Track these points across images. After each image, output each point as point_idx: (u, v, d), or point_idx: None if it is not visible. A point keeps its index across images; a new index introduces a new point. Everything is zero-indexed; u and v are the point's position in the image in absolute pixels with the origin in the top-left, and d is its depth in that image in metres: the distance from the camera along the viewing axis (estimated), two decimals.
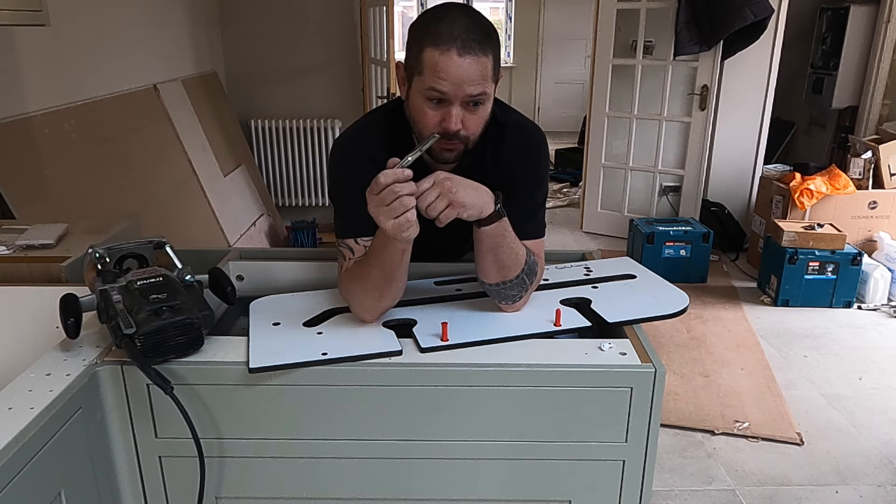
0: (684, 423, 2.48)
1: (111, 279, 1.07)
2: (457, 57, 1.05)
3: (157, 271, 1.09)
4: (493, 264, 1.13)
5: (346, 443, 1.07)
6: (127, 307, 1.01)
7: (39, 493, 0.88)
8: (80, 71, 2.74)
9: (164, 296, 1.03)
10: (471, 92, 1.08)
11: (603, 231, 4.70)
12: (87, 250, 1.13)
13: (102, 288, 1.04)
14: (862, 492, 2.14)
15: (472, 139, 1.14)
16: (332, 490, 1.10)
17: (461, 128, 1.10)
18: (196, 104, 3.69)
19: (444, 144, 1.13)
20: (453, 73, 1.06)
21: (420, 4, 8.96)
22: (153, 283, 1.05)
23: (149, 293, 1.03)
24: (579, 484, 1.09)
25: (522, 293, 1.18)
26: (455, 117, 1.09)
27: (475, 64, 1.06)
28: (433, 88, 1.08)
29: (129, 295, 1.03)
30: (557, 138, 7.81)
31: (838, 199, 3.71)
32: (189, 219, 3.29)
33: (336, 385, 1.03)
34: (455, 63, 1.05)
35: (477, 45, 1.06)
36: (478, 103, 1.10)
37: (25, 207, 2.15)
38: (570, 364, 1.03)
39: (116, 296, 1.03)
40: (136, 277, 1.06)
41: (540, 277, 1.24)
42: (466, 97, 1.08)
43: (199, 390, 1.04)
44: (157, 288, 1.04)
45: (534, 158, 1.24)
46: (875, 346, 3.11)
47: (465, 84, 1.07)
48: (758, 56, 4.09)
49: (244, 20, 4.27)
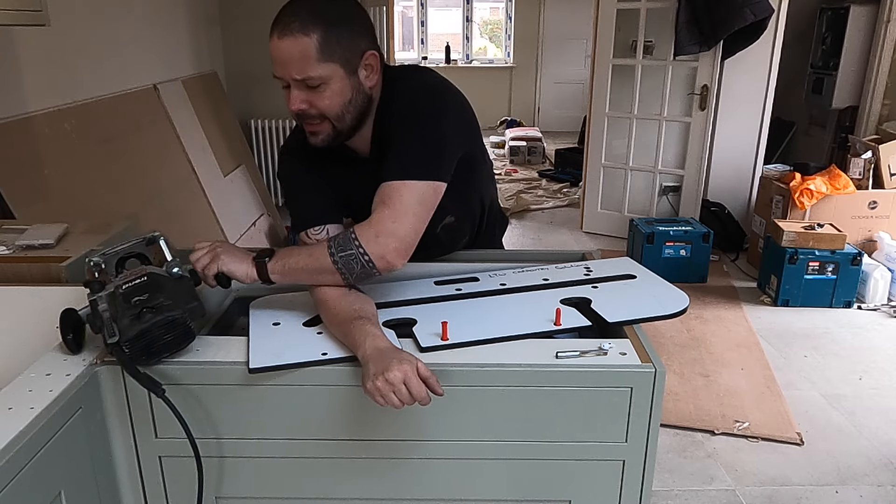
0: (684, 423, 2.48)
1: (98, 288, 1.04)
2: (277, 40, 1.08)
3: (142, 271, 1.06)
4: (315, 278, 1.15)
5: (345, 443, 1.07)
6: (112, 315, 1.00)
7: (39, 493, 0.88)
8: (80, 71, 2.74)
9: (146, 296, 1.01)
10: (294, 75, 1.09)
11: (603, 231, 4.70)
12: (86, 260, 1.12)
13: (92, 298, 1.03)
14: (862, 492, 2.14)
15: (332, 118, 1.14)
16: (332, 490, 1.10)
17: (304, 107, 1.12)
18: (196, 104, 3.69)
19: (306, 124, 1.17)
20: (276, 55, 1.09)
21: (420, 4, 8.96)
22: (137, 284, 1.03)
23: (131, 296, 1.01)
24: (579, 484, 1.09)
25: (361, 259, 1.09)
26: (293, 98, 1.12)
27: (293, 45, 1.07)
28: (274, 75, 1.12)
29: (114, 301, 1.01)
30: (557, 138, 7.82)
31: (838, 199, 3.70)
32: (189, 219, 3.29)
33: (336, 385, 1.03)
34: (276, 46, 1.09)
35: (297, 25, 1.07)
36: (316, 85, 1.10)
37: (25, 207, 2.15)
38: (570, 364, 1.03)
39: (103, 305, 1.01)
40: (122, 281, 1.04)
41: (385, 225, 1.10)
42: (293, 80, 1.10)
43: (198, 391, 1.04)
44: (140, 289, 1.02)
45: (419, 102, 1.19)
46: (875, 346, 3.11)
47: (288, 66, 1.09)
48: (758, 56, 4.09)
49: (244, 20, 4.26)
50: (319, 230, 1.23)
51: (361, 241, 1.10)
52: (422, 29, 9.08)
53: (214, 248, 1.14)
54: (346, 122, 1.17)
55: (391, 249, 1.10)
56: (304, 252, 1.15)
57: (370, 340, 1.00)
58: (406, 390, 0.93)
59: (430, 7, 9.06)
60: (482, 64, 9.08)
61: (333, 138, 1.18)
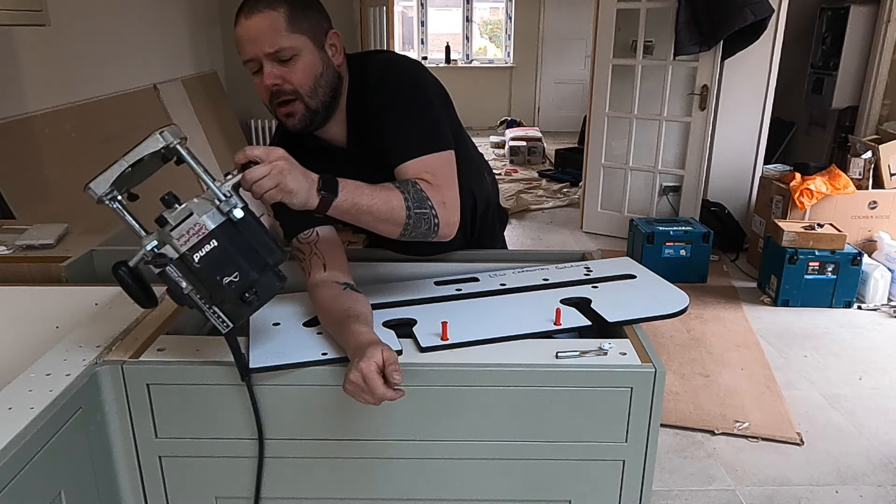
0: (684, 423, 2.48)
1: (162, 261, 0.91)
2: (244, 20, 1.11)
3: (199, 226, 0.91)
4: (376, 225, 1.11)
5: (345, 443, 1.07)
6: (203, 296, 0.91)
7: (39, 493, 0.88)
8: (80, 71, 2.74)
9: (236, 276, 0.90)
10: (266, 49, 1.10)
11: (603, 231, 4.70)
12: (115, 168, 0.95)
13: (160, 270, 0.91)
14: (862, 492, 2.14)
15: (303, 93, 1.14)
16: (332, 490, 1.10)
17: (278, 81, 1.12)
18: (196, 104, 3.70)
19: (279, 105, 1.15)
20: (246, 34, 1.11)
21: (420, 4, 8.96)
22: (210, 254, 0.90)
23: (216, 273, 0.90)
24: (579, 484, 1.09)
25: (431, 225, 1.14)
26: (267, 74, 1.11)
27: (261, 20, 1.10)
28: (244, 60, 1.13)
29: (194, 276, 0.91)
30: (557, 138, 7.81)
31: (838, 199, 3.70)
32: None
33: (336, 385, 1.03)
34: (245, 27, 1.11)
35: (263, 3, 1.10)
36: (286, 56, 1.11)
37: (25, 207, 2.15)
38: (570, 364, 1.03)
39: (179, 278, 0.90)
40: (185, 246, 0.90)
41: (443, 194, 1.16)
42: (267, 55, 1.10)
43: (199, 390, 1.04)
44: (220, 260, 0.90)
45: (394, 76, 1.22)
46: (875, 346, 3.11)
47: (258, 42, 1.10)
48: (758, 56, 4.09)
49: None
50: (309, 233, 1.23)
51: (434, 204, 1.13)
52: (422, 29, 9.08)
53: (281, 169, 0.97)
54: (318, 97, 1.17)
55: (454, 220, 1.17)
56: (378, 196, 1.08)
57: (352, 339, 1.00)
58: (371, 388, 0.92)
59: (430, 7, 9.06)
60: (482, 64, 9.08)
61: (310, 119, 1.18)
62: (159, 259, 0.90)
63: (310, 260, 1.21)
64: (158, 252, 0.91)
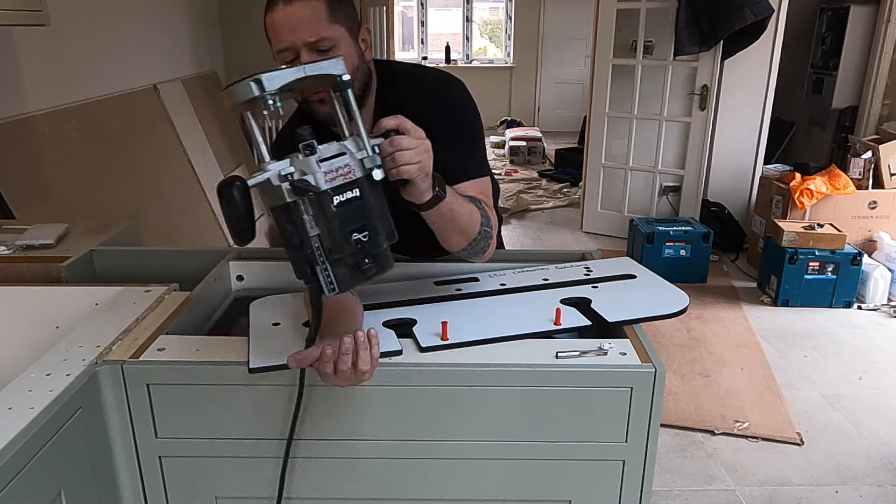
0: (684, 423, 2.48)
1: (302, 187, 0.80)
2: (283, 7, 1.08)
3: (349, 168, 0.83)
4: (454, 234, 1.12)
5: (345, 443, 1.07)
6: (323, 246, 0.81)
7: (39, 493, 0.88)
8: (80, 71, 2.74)
9: (366, 235, 0.83)
10: (307, 38, 1.08)
11: (603, 231, 4.70)
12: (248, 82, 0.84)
13: (293, 199, 0.80)
14: (862, 492, 2.14)
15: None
16: (332, 490, 1.10)
17: None
18: (196, 104, 3.70)
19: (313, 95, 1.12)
20: (285, 22, 1.08)
21: (420, 4, 8.96)
22: (351, 200, 0.82)
23: (347, 224, 0.82)
24: (579, 484, 1.09)
25: (488, 244, 1.19)
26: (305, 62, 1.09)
27: (303, 8, 1.07)
28: (279, 49, 1.10)
29: (326, 222, 0.81)
30: (557, 138, 7.81)
31: (838, 199, 3.70)
32: (189, 219, 3.29)
33: (336, 385, 1.03)
34: (283, 14, 1.08)
35: None
36: (326, 49, 1.09)
37: (25, 207, 2.15)
38: (570, 364, 1.03)
39: (309, 217, 0.81)
40: (330, 184, 0.81)
41: (495, 220, 1.22)
42: (307, 44, 1.08)
43: (199, 390, 1.04)
44: (357, 213, 0.83)
45: (448, 96, 1.22)
46: (875, 346, 3.11)
47: (298, 30, 1.08)
48: (758, 56, 4.09)
49: (244, 20, 4.26)
50: None
51: (490, 232, 1.16)
52: (422, 29, 9.08)
53: (427, 148, 0.94)
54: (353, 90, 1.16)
55: (495, 243, 1.20)
56: (466, 207, 1.09)
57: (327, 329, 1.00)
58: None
59: (430, 7, 9.06)
60: (482, 64, 9.08)
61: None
62: (301, 185, 0.79)
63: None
64: (300, 179, 0.80)
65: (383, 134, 0.92)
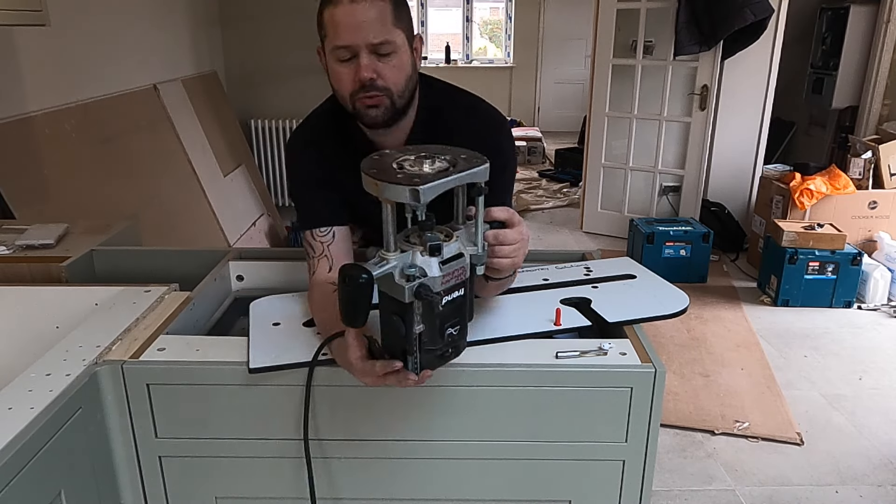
0: (684, 423, 2.48)
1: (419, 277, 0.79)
2: (349, 4, 1.05)
3: (463, 271, 0.83)
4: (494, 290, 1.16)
5: (345, 443, 1.07)
6: (422, 339, 0.83)
7: (39, 493, 0.88)
8: (80, 71, 2.74)
9: (458, 328, 0.85)
10: (372, 39, 1.05)
11: (603, 231, 4.70)
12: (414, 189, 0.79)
13: (411, 301, 0.80)
14: (862, 492, 2.14)
15: (395, 92, 1.11)
16: (332, 490, 1.10)
17: (374, 76, 1.07)
18: (196, 104, 3.69)
19: (365, 98, 1.09)
20: (349, 20, 1.05)
21: (420, 4, 8.96)
22: (456, 299, 0.83)
23: (447, 321, 0.83)
24: (579, 484, 1.09)
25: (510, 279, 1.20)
26: (365, 66, 1.06)
27: (370, 8, 1.05)
28: (337, 46, 1.07)
29: (431, 320, 0.82)
30: (557, 138, 7.81)
31: (838, 199, 3.70)
32: (189, 219, 3.29)
33: (336, 385, 1.03)
34: (349, 11, 1.05)
35: None
36: (386, 50, 1.07)
37: (25, 207, 2.15)
38: (570, 364, 1.03)
39: (418, 322, 0.82)
40: (444, 286, 0.81)
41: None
42: (370, 45, 1.06)
43: (199, 390, 1.04)
44: (457, 309, 0.84)
45: (495, 139, 1.22)
46: (875, 346, 3.11)
47: (364, 30, 1.05)
48: (758, 56, 4.09)
49: (244, 20, 4.27)
50: (326, 231, 1.21)
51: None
52: (422, 29, 9.07)
53: (526, 245, 0.95)
54: (404, 98, 1.14)
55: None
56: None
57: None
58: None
59: (430, 7, 9.06)
60: (482, 64, 9.08)
61: (390, 116, 1.13)
62: (423, 290, 0.79)
63: (318, 259, 1.20)
64: (422, 283, 0.80)
65: (489, 221, 0.92)
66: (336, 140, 1.21)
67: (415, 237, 0.85)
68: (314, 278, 1.20)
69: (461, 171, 0.82)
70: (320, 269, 1.20)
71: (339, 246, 1.22)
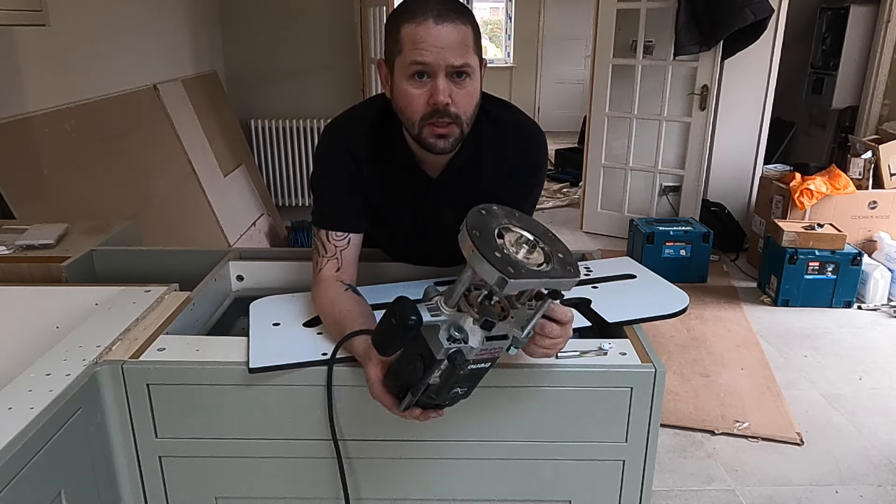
0: (684, 423, 2.48)
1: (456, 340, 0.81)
2: (434, 25, 1.02)
3: (499, 352, 0.85)
4: None
5: (345, 443, 1.07)
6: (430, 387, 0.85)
7: (39, 493, 0.88)
8: (80, 71, 2.74)
9: (466, 391, 0.89)
10: (453, 61, 1.03)
11: (603, 231, 4.70)
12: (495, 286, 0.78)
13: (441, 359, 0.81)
14: (862, 492, 2.14)
15: (464, 120, 1.08)
16: (332, 490, 1.10)
17: (450, 101, 1.05)
18: (196, 104, 3.69)
19: (436, 126, 1.07)
20: (432, 41, 1.02)
21: None
22: (477, 371, 0.86)
23: (462, 384, 0.87)
24: (579, 484, 1.09)
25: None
26: (442, 90, 1.04)
27: (454, 31, 1.03)
28: (415, 62, 1.03)
29: (446, 377, 0.84)
30: (557, 138, 7.81)
31: (838, 199, 3.70)
32: (189, 219, 3.29)
33: (336, 385, 1.03)
34: (433, 31, 1.02)
35: (454, 14, 1.04)
36: (463, 75, 1.05)
37: (25, 207, 2.15)
38: (570, 364, 1.03)
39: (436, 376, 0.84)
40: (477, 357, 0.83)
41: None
42: (450, 67, 1.03)
43: (199, 390, 1.04)
44: (475, 376, 0.87)
45: (534, 159, 1.22)
46: (875, 346, 3.11)
47: (446, 51, 1.03)
48: (758, 56, 4.09)
49: (244, 20, 4.27)
50: (343, 237, 1.20)
51: None
52: None
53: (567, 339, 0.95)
54: (469, 127, 1.11)
55: None
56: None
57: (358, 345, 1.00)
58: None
59: None
60: None
61: (455, 145, 1.11)
62: (457, 356, 0.80)
63: (328, 259, 1.20)
64: (459, 350, 0.81)
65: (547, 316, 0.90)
66: (377, 150, 1.18)
67: (473, 299, 0.84)
68: (321, 275, 1.19)
69: (551, 278, 0.82)
70: (328, 267, 1.19)
71: (352, 252, 1.22)
